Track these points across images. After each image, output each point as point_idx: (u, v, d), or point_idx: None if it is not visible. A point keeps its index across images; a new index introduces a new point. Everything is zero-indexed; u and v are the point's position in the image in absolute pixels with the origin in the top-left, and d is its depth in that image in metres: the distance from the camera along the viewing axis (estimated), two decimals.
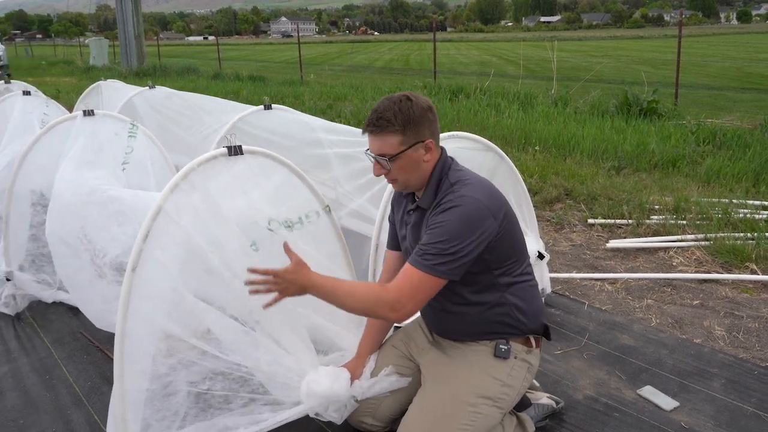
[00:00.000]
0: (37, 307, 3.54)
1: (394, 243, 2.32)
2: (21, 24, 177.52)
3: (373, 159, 2.04)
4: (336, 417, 2.12)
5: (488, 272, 2.03)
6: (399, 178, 2.05)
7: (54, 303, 3.54)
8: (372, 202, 3.21)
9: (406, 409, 2.16)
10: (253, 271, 1.85)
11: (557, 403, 2.47)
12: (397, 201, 2.30)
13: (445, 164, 2.07)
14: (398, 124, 1.95)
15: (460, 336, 2.16)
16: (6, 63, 22.79)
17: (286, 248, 1.91)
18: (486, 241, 1.94)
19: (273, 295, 1.88)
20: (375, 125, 1.97)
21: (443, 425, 2.00)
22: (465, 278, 1.99)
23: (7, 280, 3.44)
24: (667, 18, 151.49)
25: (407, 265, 1.95)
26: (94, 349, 3.09)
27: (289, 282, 1.88)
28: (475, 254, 1.93)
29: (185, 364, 2.07)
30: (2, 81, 5.58)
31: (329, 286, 1.93)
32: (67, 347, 3.12)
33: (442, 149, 2.11)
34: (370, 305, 1.94)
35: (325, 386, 2.07)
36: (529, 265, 2.18)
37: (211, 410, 2.08)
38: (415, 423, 2.05)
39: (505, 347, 2.10)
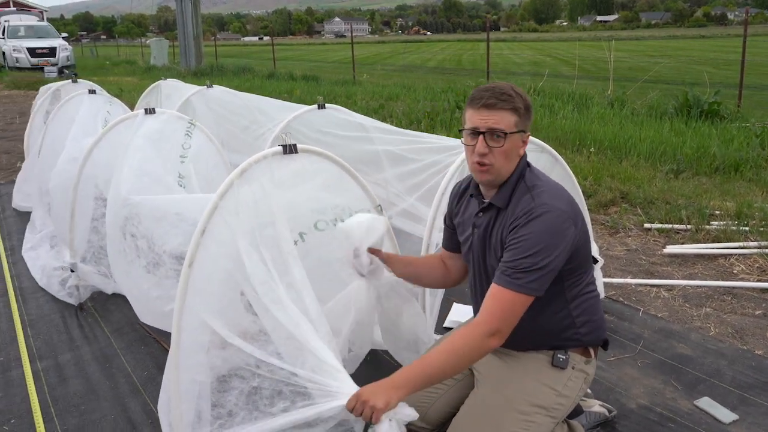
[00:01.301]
0: (98, 297, 3.68)
1: (450, 244, 2.31)
2: (87, 25, 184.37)
3: (475, 134, 1.94)
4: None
5: (559, 283, 1.97)
6: (496, 162, 1.94)
7: (114, 294, 3.67)
8: (422, 201, 3.21)
9: (455, 412, 2.14)
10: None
11: (610, 411, 2.42)
12: (457, 203, 2.24)
13: (524, 167, 2.03)
14: (519, 105, 1.93)
15: (519, 346, 2.09)
16: (73, 63, 23.73)
17: None
18: (569, 250, 1.90)
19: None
20: (498, 98, 1.91)
21: (494, 430, 1.98)
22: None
23: (72, 271, 3.59)
24: (730, 16, 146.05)
25: (495, 286, 1.88)
26: (151, 340, 3.19)
27: (369, 399, 1.69)
28: (560, 265, 1.90)
29: (237, 361, 2.11)
30: (70, 80, 5.81)
31: (418, 372, 1.78)
32: (125, 337, 3.24)
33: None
34: (471, 351, 1.82)
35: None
36: (594, 278, 2.13)
37: (256, 412, 2.09)
38: (466, 427, 2.02)
39: (564, 357, 2.05)
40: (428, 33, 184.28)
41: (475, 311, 2.24)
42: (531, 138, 2.89)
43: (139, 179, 3.13)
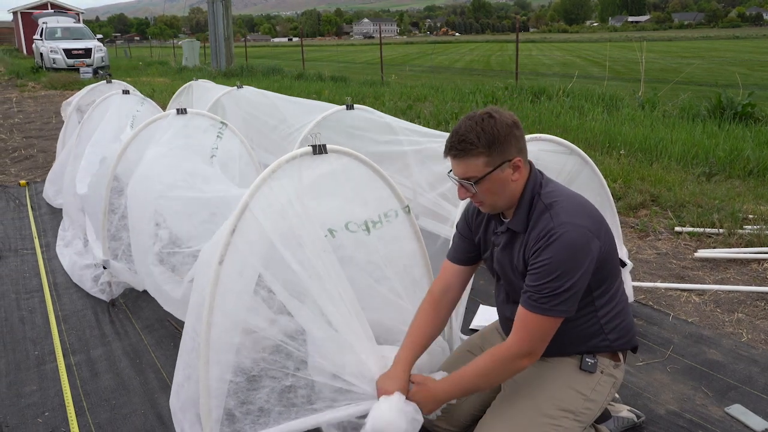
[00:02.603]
0: (129, 294, 3.75)
1: (458, 256, 2.22)
2: (121, 27, 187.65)
3: (457, 182, 1.95)
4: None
5: (587, 294, 1.94)
6: (486, 200, 1.95)
7: (144, 291, 3.73)
8: (448, 200, 3.21)
9: (480, 414, 2.14)
10: None
11: (638, 417, 2.39)
12: (475, 217, 2.18)
13: (536, 182, 1.96)
14: (483, 145, 1.85)
15: (546, 353, 2.03)
16: (108, 64, 24.21)
17: (412, 378, 2.01)
18: (594, 265, 1.87)
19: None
20: (458, 149, 1.88)
21: None
22: None
23: (104, 268, 3.66)
24: (766, 17, 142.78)
25: (522, 310, 1.89)
26: (180, 336, 3.24)
27: (421, 403, 1.96)
28: (587, 281, 1.88)
29: (269, 361, 2.12)
30: (104, 81, 5.94)
31: (456, 387, 1.96)
32: (155, 334, 3.29)
33: (531, 164, 2.01)
34: (503, 371, 1.92)
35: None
36: (623, 283, 2.09)
37: (295, 409, 2.11)
38: (493, 430, 2.01)
39: (592, 361, 2.03)
40: (457, 34, 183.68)
41: (501, 319, 2.23)
42: (559, 140, 2.90)
43: (171, 175, 3.18)
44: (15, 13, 42.33)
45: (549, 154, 2.90)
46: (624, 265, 3.18)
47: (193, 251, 2.94)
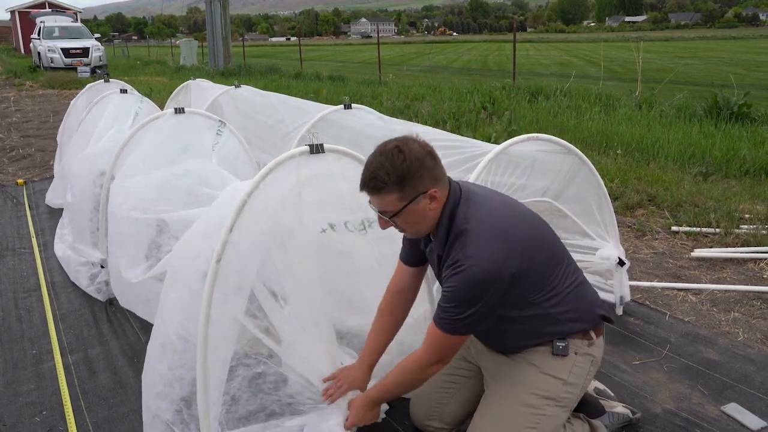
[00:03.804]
0: None
1: (407, 257, 2.24)
2: (119, 26, 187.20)
3: (376, 213, 1.97)
4: None
5: (525, 297, 1.96)
6: (407, 229, 1.99)
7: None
8: None
9: (472, 410, 2.17)
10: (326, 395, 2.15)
11: (633, 413, 2.40)
12: None
13: (454, 205, 1.94)
14: (393, 182, 1.83)
15: (516, 349, 2.11)
16: (106, 63, 24.16)
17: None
18: (500, 292, 1.87)
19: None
20: (369, 186, 1.88)
21: (508, 429, 1.99)
22: (506, 302, 1.92)
23: (102, 267, 3.66)
24: (762, 17, 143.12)
25: (432, 323, 1.96)
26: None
27: (359, 421, 2.11)
28: (494, 307, 1.89)
29: (243, 353, 2.18)
30: (102, 80, 5.93)
31: (382, 391, 2.11)
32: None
33: (450, 183, 1.98)
34: (418, 376, 2.03)
35: None
36: (570, 266, 2.06)
37: (261, 395, 2.21)
38: (482, 428, 2.05)
39: (563, 344, 2.03)
40: (454, 33, 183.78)
41: None
42: (556, 139, 2.90)
43: (168, 173, 3.19)
44: (12, 12, 42.25)
45: (546, 154, 2.91)
46: (622, 264, 3.19)
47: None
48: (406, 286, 2.26)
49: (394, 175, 1.83)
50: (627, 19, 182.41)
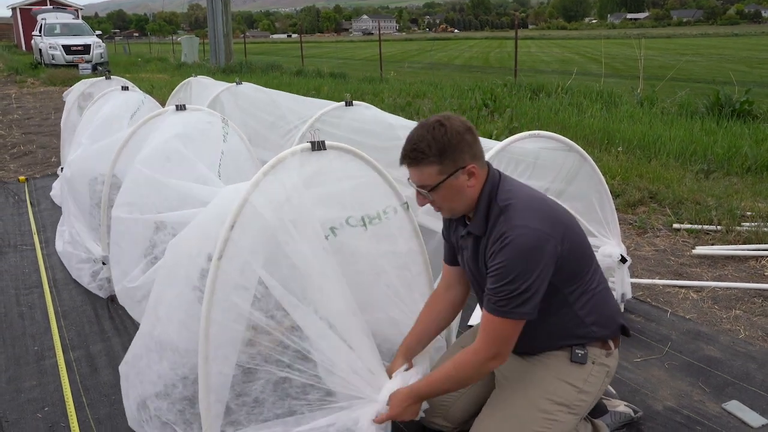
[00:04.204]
0: None
1: (448, 258, 2.26)
2: (120, 23, 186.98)
3: (415, 189, 1.97)
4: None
5: (558, 293, 1.95)
6: (444, 206, 1.99)
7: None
8: None
9: (478, 411, 2.15)
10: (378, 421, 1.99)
11: (635, 412, 2.40)
12: (448, 220, 2.20)
13: (493, 185, 1.96)
14: (433, 153, 1.86)
15: (533, 351, 2.09)
16: (107, 60, 24.15)
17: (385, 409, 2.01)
18: (552, 265, 1.86)
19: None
20: (410, 157, 1.90)
21: (518, 430, 1.98)
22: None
23: (103, 264, 3.66)
24: (765, 14, 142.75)
25: (485, 313, 1.91)
26: None
27: (399, 415, 2.00)
28: (547, 282, 1.87)
29: (264, 355, 2.13)
30: (103, 77, 5.93)
31: (431, 386, 2.01)
32: None
33: (489, 166, 2.00)
34: (474, 373, 1.95)
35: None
36: (598, 270, 2.08)
37: (288, 399, 2.13)
38: (488, 427, 2.03)
39: (582, 352, 2.03)
40: (456, 30, 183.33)
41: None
42: (558, 137, 2.90)
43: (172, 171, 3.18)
44: (14, 9, 42.19)
45: (548, 151, 2.91)
46: (624, 261, 3.19)
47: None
48: (453, 283, 2.25)
49: (435, 147, 1.86)
50: (629, 16, 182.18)
